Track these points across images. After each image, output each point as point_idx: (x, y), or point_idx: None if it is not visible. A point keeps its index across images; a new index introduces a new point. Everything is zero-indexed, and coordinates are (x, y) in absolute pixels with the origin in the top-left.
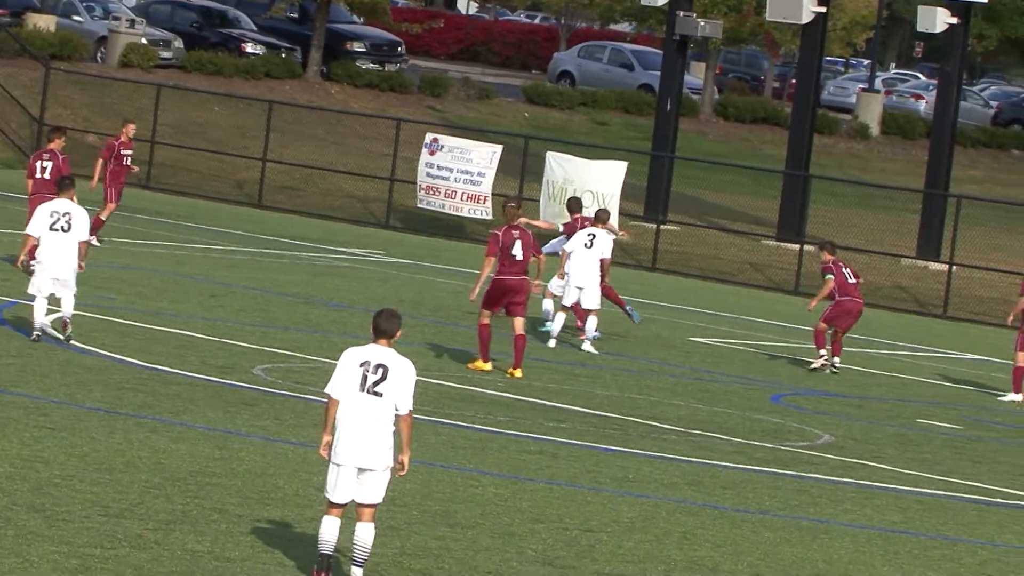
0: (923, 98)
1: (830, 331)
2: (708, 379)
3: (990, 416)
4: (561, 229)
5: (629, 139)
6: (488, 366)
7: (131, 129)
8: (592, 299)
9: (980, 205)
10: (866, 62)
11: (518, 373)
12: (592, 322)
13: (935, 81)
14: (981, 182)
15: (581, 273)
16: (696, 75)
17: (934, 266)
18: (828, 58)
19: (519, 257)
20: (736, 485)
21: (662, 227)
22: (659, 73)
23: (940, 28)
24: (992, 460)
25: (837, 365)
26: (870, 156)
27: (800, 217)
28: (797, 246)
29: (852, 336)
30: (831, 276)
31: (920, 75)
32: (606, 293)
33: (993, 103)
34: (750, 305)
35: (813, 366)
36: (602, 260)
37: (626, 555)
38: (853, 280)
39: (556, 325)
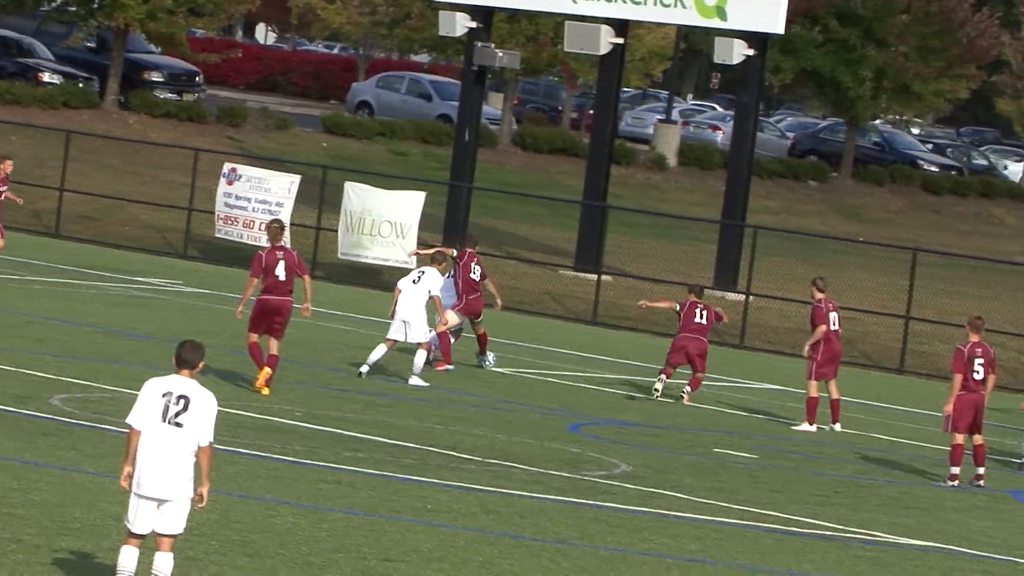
0: (720, 129)
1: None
2: (506, 409)
3: (786, 445)
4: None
5: (427, 169)
6: (267, 371)
7: (8, 166)
8: (418, 333)
9: (776, 235)
10: (663, 93)
11: (266, 391)
12: (420, 356)
13: (732, 112)
14: (777, 212)
15: (406, 308)
16: (494, 105)
17: (731, 296)
18: (625, 89)
19: (282, 278)
20: (534, 514)
21: None
22: (457, 103)
23: (737, 60)
24: (788, 488)
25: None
26: (667, 187)
27: (598, 247)
28: (595, 276)
29: (650, 366)
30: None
31: (717, 106)
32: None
33: (789, 134)
34: (548, 335)
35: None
36: (433, 298)
37: None
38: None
39: (373, 356)
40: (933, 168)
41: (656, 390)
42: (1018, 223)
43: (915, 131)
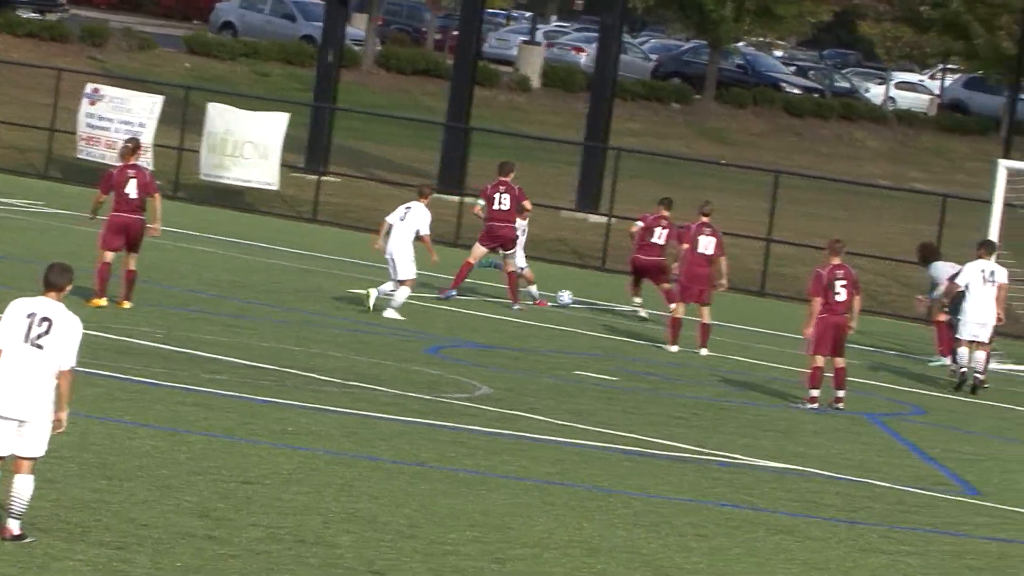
0: (584, 51)
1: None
2: (367, 331)
3: (644, 368)
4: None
5: (291, 90)
6: (103, 302)
7: None
8: (403, 271)
9: (639, 158)
10: (527, 14)
11: (127, 304)
12: (402, 293)
13: (596, 34)
14: (640, 135)
15: (392, 245)
16: (358, 26)
17: (593, 218)
18: (489, 10)
19: (133, 196)
20: (393, 437)
21: (323, 179)
22: (321, 24)
23: None
24: (646, 411)
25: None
26: (531, 108)
27: (460, 169)
28: (457, 198)
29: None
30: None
31: (581, 28)
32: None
33: (653, 56)
34: None
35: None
36: (422, 238)
37: (284, 507)
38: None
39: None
40: (795, 90)
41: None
42: (879, 146)
43: (778, 53)
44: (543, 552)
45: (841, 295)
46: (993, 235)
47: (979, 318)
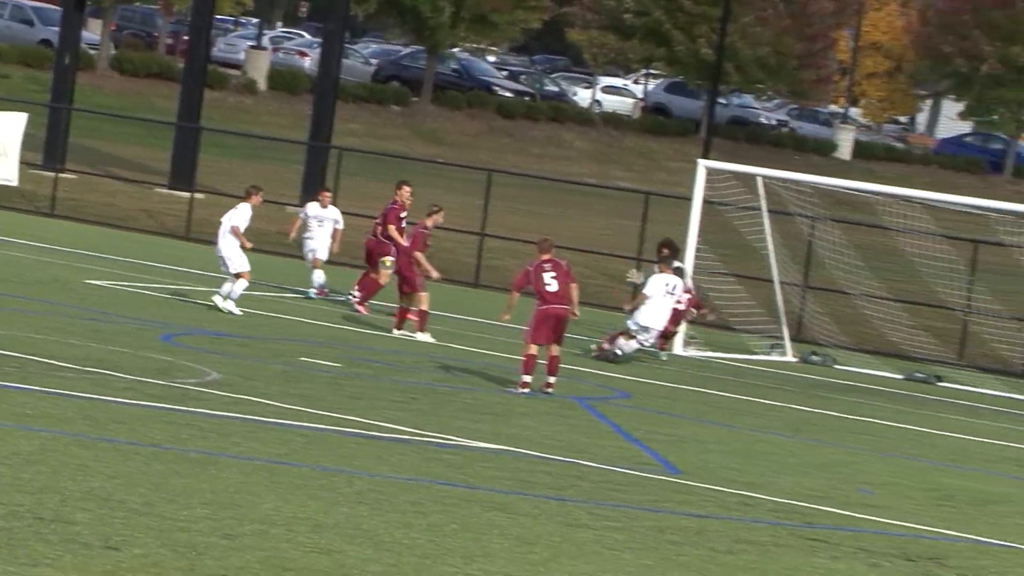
0: (307, 55)
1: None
2: (103, 320)
3: (367, 354)
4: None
5: (29, 91)
6: None
7: None
8: (232, 265)
9: (360, 157)
10: (254, 21)
11: None
12: (239, 285)
13: (319, 39)
14: (361, 135)
15: (220, 243)
16: (93, 31)
17: None
18: (218, 17)
19: None
20: (129, 420)
21: (60, 175)
22: (58, 29)
23: None
24: (369, 396)
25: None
26: (258, 110)
27: (191, 167)
28: (188, 194)
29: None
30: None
31: (305, 33)
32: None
33: (373, 61)
34: (143, 250)
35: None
36: (231, 228)
37: (23, 486)
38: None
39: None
40: (508, 94)
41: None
42: (586, 146)
43: (491, 59)
44: (270, 528)
45: (552, 286)
46: (693, 231)
47: (653, 323)
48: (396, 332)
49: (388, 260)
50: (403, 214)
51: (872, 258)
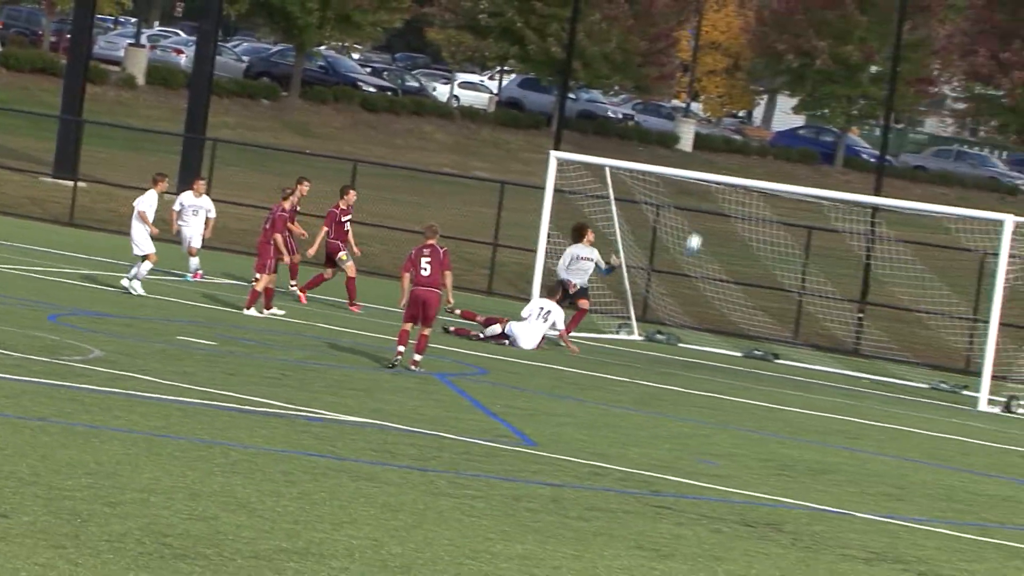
0: (183, 53)
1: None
2: None
3: (241, 333)
4: None
5: None
6: None
7: None
8: (139, 248)
9: (233, 148)
10: (133, 20)
11: None
12: (144, 267)
13: (194, 38)
14: (234, 127)
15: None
16: None
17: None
18: (99, 16)
19: None
20: (17, 395)
21: None
22: None
23: None
24: (243, 372)
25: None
26: (137, 103)
27: (74, 157)
28: (71, 183)
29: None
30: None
31: (181, 32)
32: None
33: (245, 58)
34: (29, 235)
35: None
36: (139, 213)
37: None
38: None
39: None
40: (371, 89)
41: None
42: (445, 138)
43: (355, 56)
44: (150, 496)
45: (426, 271)
46: (545, 218)
47: (523, 344)
48: (266, 312)
49: (343, 255)
50: (346, 217)
51: (713, 243)
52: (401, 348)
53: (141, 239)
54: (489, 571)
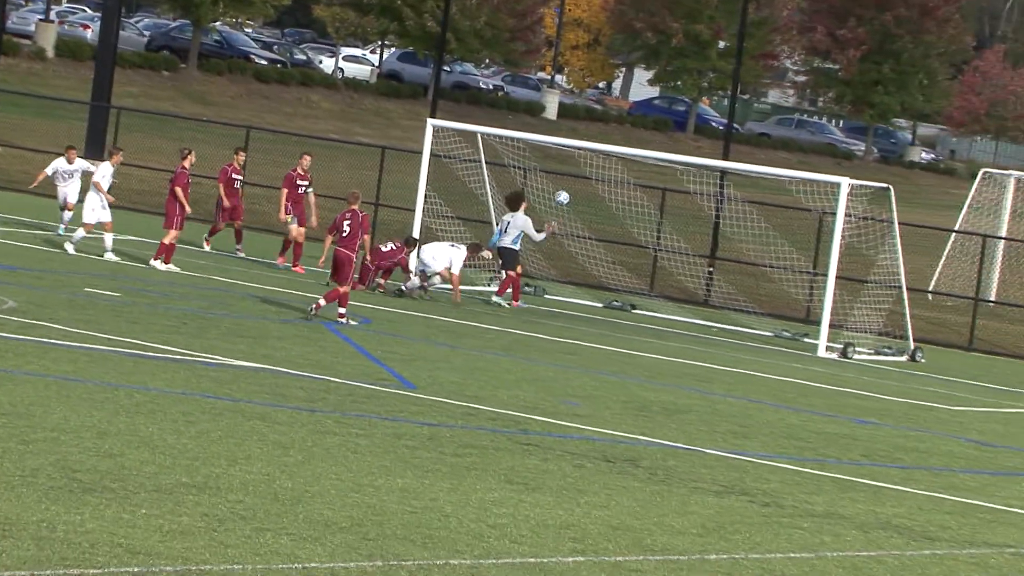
0: (90, 27)
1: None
2: None
3: (144, 285)
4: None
5: None
6: None
7: None
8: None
9: (137, 116)
10: None
11: None
12: (107, 239)
13: (99, 14)
14: (138, 96)
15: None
16: None
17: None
18: None
19: None
20: None
21: None
22: None
23: None
24: (145, 321)
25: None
26: (47, 74)
27: None
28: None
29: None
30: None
31: (87, 9)
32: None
33: (146, 33)
34: None
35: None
36: (95, 183)
37: None
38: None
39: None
40: (263, 61)
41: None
42: (331, 107)
43: (248, 31)
44: (61, 435)
45: (345, 232)
46: (423, 180)
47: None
48: (166, 266)
49: (288, 217)
50: (301, 182)
51: (576, 203)
52: (321, 302)
53: (91, 207)
54: (373, 503)
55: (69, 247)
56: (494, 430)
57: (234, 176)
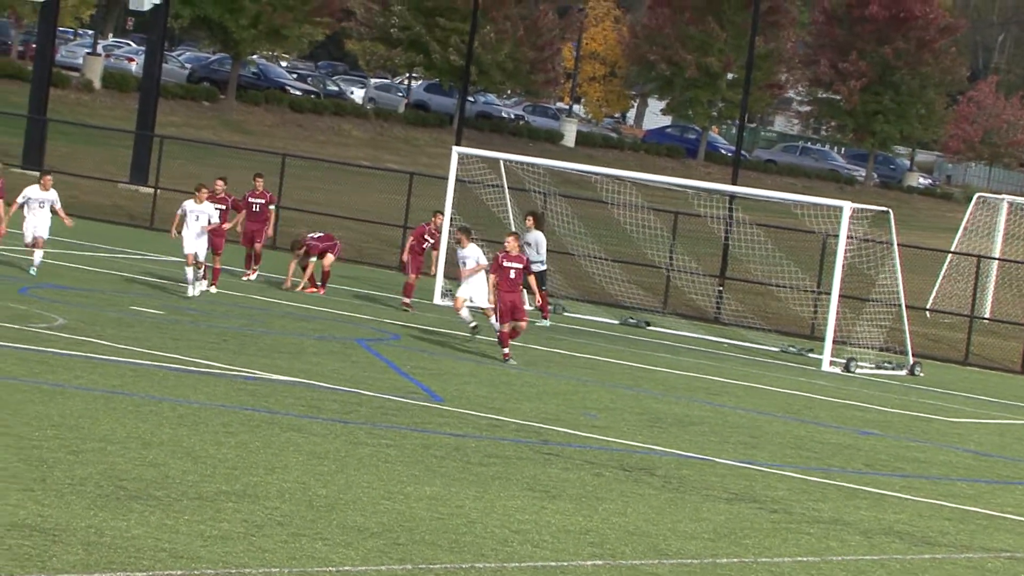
0: (134, 60)
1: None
2: None
3: (187, 304)
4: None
5: None
6: None
7: None
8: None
9: (179, 144)
10: (91, 32)
11: None
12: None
13: (143, 48)
14: (180, 126)
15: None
16: None
17: (144, 189)
18: (61, 28)
19: None
20: None
21: None
22: None
23: (147, 7)
24: (188, 338)
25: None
26: (94, 105)
27: (40, 151)
28: (38, 173)
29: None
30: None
31: (132, 43)
32: None
33: (188, 65)
34: None
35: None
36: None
37: None
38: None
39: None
40: (298, 92)
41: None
42: (362, 136)
43: (284, 64)
44: (108, 446)
45: (512, 276)
46: (448, 204)
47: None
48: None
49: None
50: (430, 239)
51: (593, 226)
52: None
53: (186, 242)
54: (403, 510)
55: (190, 290)
56: (517, 441)
57: (251, 200)
